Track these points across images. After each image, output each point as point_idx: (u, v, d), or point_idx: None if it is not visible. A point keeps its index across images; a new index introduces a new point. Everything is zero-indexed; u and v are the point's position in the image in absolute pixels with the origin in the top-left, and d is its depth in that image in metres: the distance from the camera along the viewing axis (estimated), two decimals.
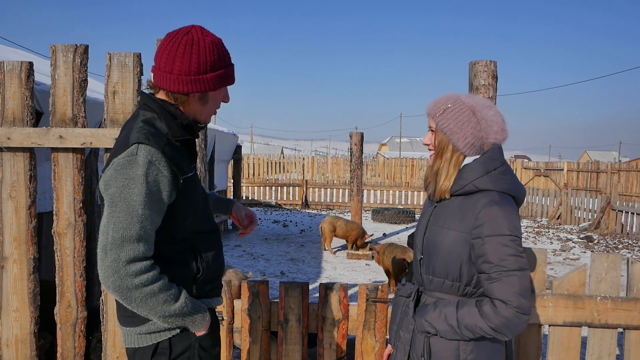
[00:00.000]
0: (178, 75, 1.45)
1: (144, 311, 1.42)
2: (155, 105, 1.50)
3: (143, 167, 1.38)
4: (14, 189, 2.49)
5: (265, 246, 9.22)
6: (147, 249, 1.41)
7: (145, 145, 1.41)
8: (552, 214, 14.08)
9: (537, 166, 20.44)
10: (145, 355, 1.53)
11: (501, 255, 1.45)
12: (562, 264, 8.22)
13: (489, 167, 1.54)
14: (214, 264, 1.63)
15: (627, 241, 10.52)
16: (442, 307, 1.55)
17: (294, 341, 2.43)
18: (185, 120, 1.53)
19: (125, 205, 1.37)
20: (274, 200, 16.85)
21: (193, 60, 1.45)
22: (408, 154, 52.92)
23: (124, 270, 1.36)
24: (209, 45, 1.46)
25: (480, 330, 1.48)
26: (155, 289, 1.39)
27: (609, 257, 2.22)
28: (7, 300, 2.53)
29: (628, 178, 16.61)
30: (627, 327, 2.21)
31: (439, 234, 1.58)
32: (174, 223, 1.49)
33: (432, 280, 1.60)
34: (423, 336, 1.59)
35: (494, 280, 1.46)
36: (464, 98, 1.59)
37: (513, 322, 1.45)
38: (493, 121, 1.56)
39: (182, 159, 1.50)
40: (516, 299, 1.44)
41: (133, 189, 1.38)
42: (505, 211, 1.48)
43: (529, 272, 1.49)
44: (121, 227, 1.37)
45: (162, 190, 1.42)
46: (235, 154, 11.49)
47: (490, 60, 2.35)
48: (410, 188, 16.76)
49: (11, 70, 2.45)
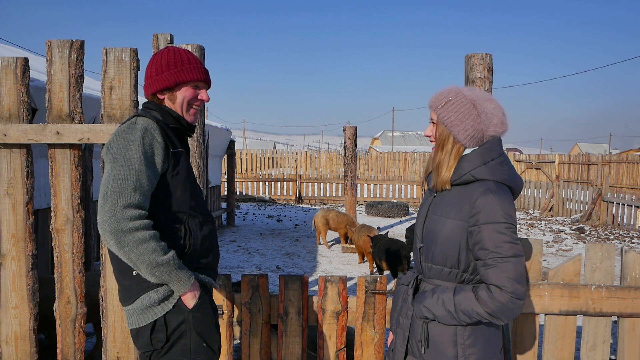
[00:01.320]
0: (149, 78, 1.79)
1: (133, 256, 1.56)
2: (150, 104, 1.81)
3: (140, 132, 1.65)
4: (11, 185, 2.48)
5: (260, 241, 9.22)
6: (142, 200, 1.60)
7: (142, 117, 1.71)
8: (544, 206, 14.21)
9: (528, 159, 20.58)
10: (145, 334, 1.69)
11: (496, 242, 1.50)
12: (554, 255, 8.31)
13: (487, 158, 1.58)
14: (202, 245, 1.78)
15: (618, 232, 10.64)
16: (440, 293, 1.60)
17: (294, 334, 2.45)
18: (174, 114, 1.80)
19: (124, 161, 1.60)
20: (268, 195, 16.84)
21: (155, 65, 1.79)
22: (400, 147, 53.02)
23: (120, 213, 1.54)
24: (165, 52, 1.79)
25: (477, 314, 1.52)
26: (147, 236, 1.57)
27: (603, 246, 2.26)
28: (6, 297, 2.53)
29: (618, 170, 16.79)
30: (621, 314, 2.25)
31: (437, 222, 1.63)
32: (164, 195, 1.70)
33: (431, 267, 1.65)
34: (421, 322, 1.64)
35: (490, 267, 1.50)
36: (465, 91, 1.62)
37: (508, 307, 1.50)
38: (493, 114, 1.59)
39: (173, 136, 1.76)
40: (511, 284, 1.48)
41: (131, 148, 1.62)
42: (501, 199, 1.52)
43: (524, 259, 1.53)
44: (120, 177, 1.58)
45: (155, 154, 1.66)
46: (229, 149, 11.46)
47: (486, 53, 2.37)
48: (403, 182, 16.82)
49: (6, 66, 2.44)
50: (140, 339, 1.72)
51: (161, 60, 1.78)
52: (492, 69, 2.38)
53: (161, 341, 1.68)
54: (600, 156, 17.73)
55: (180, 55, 1.78)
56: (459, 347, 1.59)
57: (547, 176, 18.95)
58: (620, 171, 16.73)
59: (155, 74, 1.78)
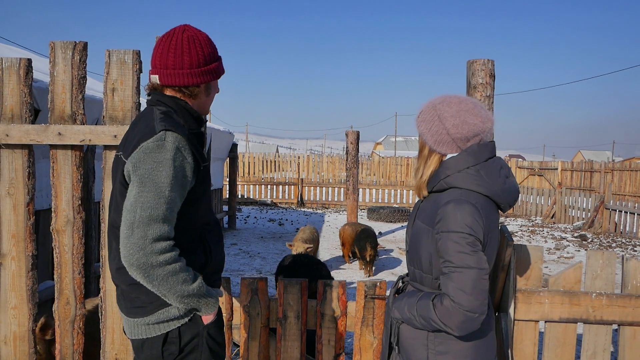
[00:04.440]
0: (189, 69, 1.57)
1: (164, 289, 1.46)
2: (169, 101, 1.60)
3: (171, 152, 1.47)
4: (12, 186, 2.49)
5: (261, 244, 9.22)
6: (170, 229, 1.48)
7: (172, 132, 1.49)
8: (546, 213, 14.17)
9: (531, 165, 20.54)
10: (155, 345, 1.57)
11: (450, 252, 1.49)
12: (556, 262, 8.27)
13: (461, 166, 1.57)
14: (218, 255, 1.69)
15: (621, 240, 10.60)
16: (408, 297, 1.63)
17: (293, 338, 2.44)
18: (195, 114, 1.64)
19: (153, 186, 1.44)
20: (270, 198, 16.84)
21: (200, 54, 1.58)
22: (403, 152, 53.01)
23: (150, 247, 1.41)
24: (205, 39, 1.61)
25: (433, 322, 1.52)
26: (176, 268, 1.45)
27: (604, 254, 2.25)
28: (5, 297, 2.52)
29: (621, 177, 16.74)
30: (622, 323, 2.24)
31: (418, 228, 1.66)
32: (190, 210, 1.57)
33: (414, 271, 1.69)
34: (395, 322, 1.70)
35: (444, 275, 1.51)
36: (436, 100, 1.65)
37: (458, 318, 1.46)
38: (452, 115, 1.58)
39: (200, 149, 1.60)
40: (459, 296, 1.45)
41: (161, 172, 1.45)
42: (462, 209, 1.49)
43: (483, 272, 1.47)
44: (149, 206, 1.43)
45: (186, 176, 1.51)
46: (231, 152, 11.47)
47: (488, 59, 2.37)
48: (405, 187, 16.81)
49: (9, 67, 2.45)
50: (146, 350, 1.59)
51: (207, 48, 1.59)
52: (494, 75, 2.38)
53: (173, 354, 1.57)
54: (603, 163, 17.68)
55: (212, 43, 1.63)
56: (430, 352, 1.60)
57: (550, 183, 18.91)
58: (623, 179, 16.68)
59: (203, 64, 1.58)
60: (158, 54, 1.58)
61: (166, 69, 1.57)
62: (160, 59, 1.57)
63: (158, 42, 1.60)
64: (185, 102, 1.62)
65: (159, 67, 1.58)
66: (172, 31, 1.59)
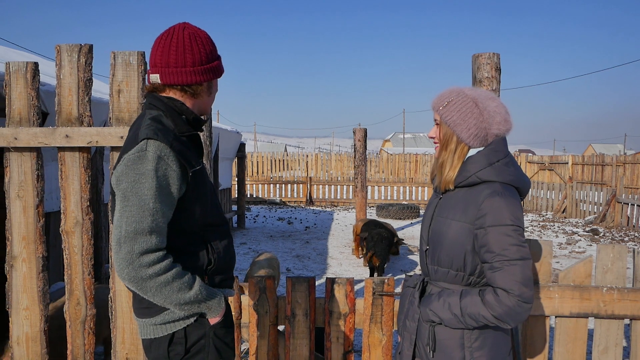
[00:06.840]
0: (192, 67, 1.54)
1: (160, 300, 1.46)
2: (160, 104, 1.57)
3: (152, 162, 1.43)
4: (22, 188, 2.52)
5: (270, 243, 9.24)
6: (159, 240, 1.45)
7: (154, 140, 1.45)
8: (557, 208, 14.04)
9: (541, 160, 20.37)
10: (162, 346, 1.57)
11: (503, 245, 1.48)
12: (567, 257, 8.20)
13: (492, 159, 1.57)
14: (225, 256, 1.66)
15: (634, 234, 10.48)
16: (446, 296, 1.58)
17: (302, 335, 2.44)
18: (191, 115, 1.59)
19: (137, 200, 1.42)
20: (278, 197, 16.87)
21: (202, 51, 1.55)
22: (412, 149, 52.85)
23: (137, 261, 1.40)
24: (206, 37, 1.59)
25: (484, 318, 1.51)
26: (169, 278, 1.44)
27: (614, 248, 2.22)
28: (17, 298, 2.55)
29: (633, 170, 16.53)
30: (634, 317, 2.21)
31: (443, 225, 1.61)
32: (183, 215, 1.53)
33: (438, 270, 1.63)
34: (428, 325, 1.63)
35: (497, 270, 1.49)
36: (467, 91, 1.61)
37: (515, 311, 1.48)
38: (496, 112, 1.58)
39: (189, 153, 1.54)
40: (518, 288, 1.46)
41: (144, 184, 1.42)
42: (507, 202, 1.50)
43: (531, 262, 1.51)
44: (133, 220, 1.41)
45: (171, 184, 1.47)
46: (239, 152, 11.51)
47: (494, 52, 2.35)
48: (414, 184, 16.74)
49: (17, 70, 2.47)
50: (154, 350, 1.60)
51: (208, 45, 1.57)
52: (499, 69, 2.36)
53: (179, 354, 1.57)
54: (614, 157, 17.48)
55: (212, 41, 1.60)
56: (467, 350, 1.58)
57: (561, 177, 18.73)
58: (635, 172, 16.47)
59: (206, 62, 1.56)
60: (159, 52, 1.53)
61: (168, 67, 1.53)
62: (161, 57, 1.53)
63: (157, 40, 1.56)
64: (181, 103, 1.58)
65: (159, 65, 1.54)
66: (172, 29, 1.56)
